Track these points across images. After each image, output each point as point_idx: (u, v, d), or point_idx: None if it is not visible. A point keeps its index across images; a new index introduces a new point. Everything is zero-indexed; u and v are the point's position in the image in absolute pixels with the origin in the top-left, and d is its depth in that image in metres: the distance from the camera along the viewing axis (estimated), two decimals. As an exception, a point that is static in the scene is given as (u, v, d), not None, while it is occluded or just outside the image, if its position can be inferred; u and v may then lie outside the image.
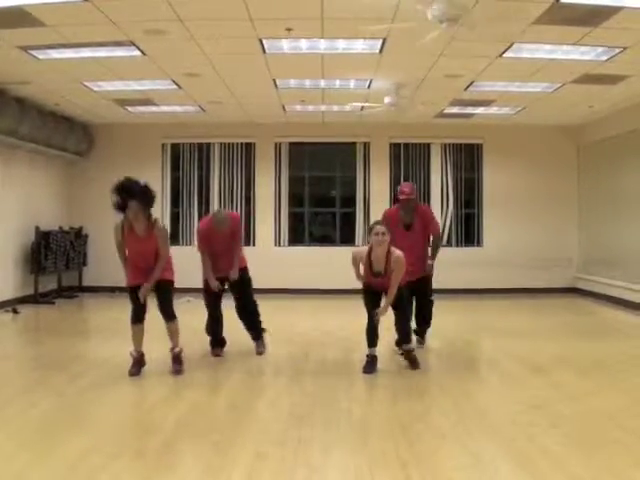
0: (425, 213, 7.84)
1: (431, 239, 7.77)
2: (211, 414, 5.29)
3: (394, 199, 8.28)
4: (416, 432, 4.80)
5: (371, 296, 6.72)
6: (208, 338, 7.63)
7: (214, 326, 7.60)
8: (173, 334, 6.61)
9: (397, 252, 6.51)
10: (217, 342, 7.62)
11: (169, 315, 6.53)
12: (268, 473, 4.02)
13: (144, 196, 6.22)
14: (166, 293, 6.54)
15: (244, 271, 7.58)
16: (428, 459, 4.28)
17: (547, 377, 6.52)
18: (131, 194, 6.15)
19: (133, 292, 6.41)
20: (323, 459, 4.26)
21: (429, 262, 7.64)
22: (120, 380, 6.21)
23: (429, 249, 7.77)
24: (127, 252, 6.45)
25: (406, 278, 7.11)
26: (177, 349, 6.60)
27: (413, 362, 6.76)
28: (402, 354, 7.03)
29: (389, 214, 7.75)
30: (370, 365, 6.61)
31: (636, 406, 5.49)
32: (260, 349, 7.67)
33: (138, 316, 6.43)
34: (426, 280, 7.67)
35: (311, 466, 4.13)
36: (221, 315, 7.62)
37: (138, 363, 6.47)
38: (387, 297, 6.56)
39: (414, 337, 7.38)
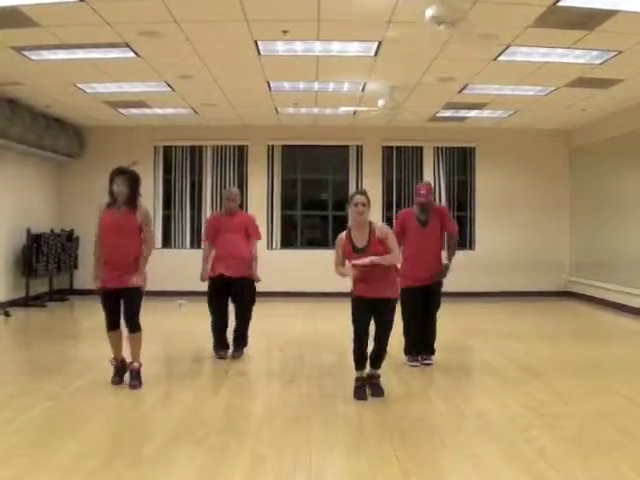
0: (442, 211, 7.42)
1: (447, 239, 7.45)
2: (207, 417, 5.24)
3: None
4: (415, 435, 4.79)
5: (363, 311, 5.85)
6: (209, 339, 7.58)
7: (216, 325, 7.54)
8: (135, 346, 6.17)
9: (380, 224, 6.00)
10: (220, 343, 7.54)
11: (134, 326, 6.13)
12: (267, 477, 3.99)
13: (129, 174, 6.09)
14: (133, 301, 6.15)
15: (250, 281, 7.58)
16: (428, 462, 4.27)
17: (544, 380, 6.53)
18: (118, 172, 6.08)
19: (106, 297, 6.13)
20: (322, 462, 4.23)
21: (445, 262, 7.24)
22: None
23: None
24: (103, 241, 6.12)
25: (417, 283, 7.09)
26: (136, 364, 6.15)
27: (373, 388, 5.96)
28: (412, 365, 7.10)
29: (403, 215, 7.39)
30: (360, 390, 5.85)
31: (632, 409, 5.52)
32: (236, 354, 7.56)
33: (113, 323, 6.18)
34: (438, 290, 7.29)
35: (310, 469, 4.11)
36: (225, 315, 7.57)
37: (120, 371, 6.24)
38: (378, 255, 5.73)
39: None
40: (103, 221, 6.14)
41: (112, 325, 6.21)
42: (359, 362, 5.90)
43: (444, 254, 7.35)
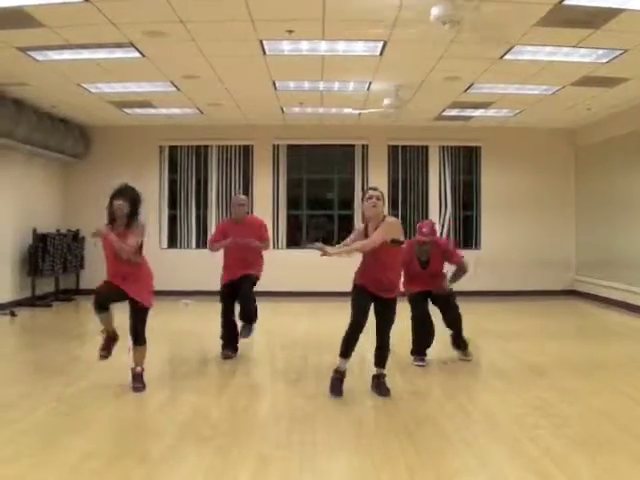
0: (443, 248, 7.35)
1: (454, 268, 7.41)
2: (213, 418, 5.25)
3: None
4: (421, 435, 4.78)
5: (363, 299, 5.86)
6: (218, 339, 7.59)
7: (224, 325, 7.54)
8: (139, 356, 6.11)
9: (392, 218, 5.97)
10: (228, 343, 7.53)
11: (140, 340, 6.07)
12: (273, 477, 3.99)
13: (127, 194, 6.00)
14: (141, 318, 6.07)
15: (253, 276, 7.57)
16: (434, 462, 4.26)
17: (549, 379, 6.52)
18: (117, 193, 6.00)
19: (103, 285, 6.07)
20: (328, 463, 4.23)
21: (447, 284, 7.25)
22: (120, 384, 6.14)
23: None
24: (105, 256, 6.07)
25: (421, 288, 7.13)
26: (139, 369, 6.09)
27: (380, 387, 5.94)
28: (418, 365, 7.10)
29: (407, 247, 7.10)
30: (337, 384, 5.85)
31: (637, 408, 5.51)
32: (244, 333, 7.57)
33: (103, 305, 5.99)
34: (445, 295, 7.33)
35: (316, 470, 4.11)
36: (233, 315, 7.56)
37: (110, 343, 6.16)
38: (355, 243, 5.80)
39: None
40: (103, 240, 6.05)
41: (101, 307, 6.03)
42: (347, 351, 5.87)
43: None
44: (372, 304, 5.92)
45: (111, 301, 6.05)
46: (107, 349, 6.21)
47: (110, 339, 6.21)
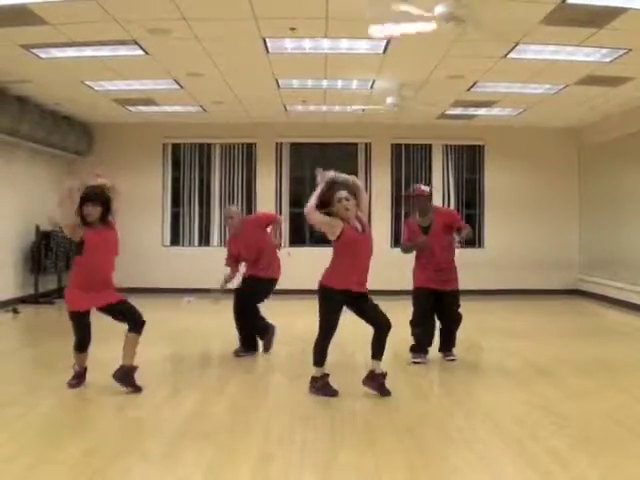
0: (445, 214, 7.48)
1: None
2: (214, 415, 5.24)
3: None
4: (422, 433, 4.78)
5: (338, 308, 5.90)
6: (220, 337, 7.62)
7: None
8: (133, 346, 5.91)
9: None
10: (243, 340, 7.56)
11: (140, 323, 5.91)
12: (274, 475, 3.98)
13: (98, 197, 5.85)
14: (128, 307, 6.00)
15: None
16: (435, 460, 4.25)
17: (551, 378, 6.51)
18: (86, 199, 5.83)
19: (80, 318, 5.90)
20: (329, 461, 4.22)
21: (465, 228, 7.04)
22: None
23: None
24: (83, 254, 5.82)
25: (428, 285, 7.10)
26: (129, 364, 5.84)
27: (381, 389, 5.78)
28: (417, 362, 7.07)
29: (408, 222, 7.49)
30: (327, 387, 5.81)
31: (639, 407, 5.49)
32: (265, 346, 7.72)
33: (83, 345, 5.93)
34: (455, 294, 7.30)
35: (317, 468, 4.10)
36: (248, 313, 7.63)
37: (81, 376, 6.01)
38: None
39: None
40: (88, 240, 5.80)
41: (83, 347, 5.99)
42: (323, 360, 5.88)
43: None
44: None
45: (90, 339, 6.02)
46: (78, 378, 6.02)
47: (82, 374, 6.06)
